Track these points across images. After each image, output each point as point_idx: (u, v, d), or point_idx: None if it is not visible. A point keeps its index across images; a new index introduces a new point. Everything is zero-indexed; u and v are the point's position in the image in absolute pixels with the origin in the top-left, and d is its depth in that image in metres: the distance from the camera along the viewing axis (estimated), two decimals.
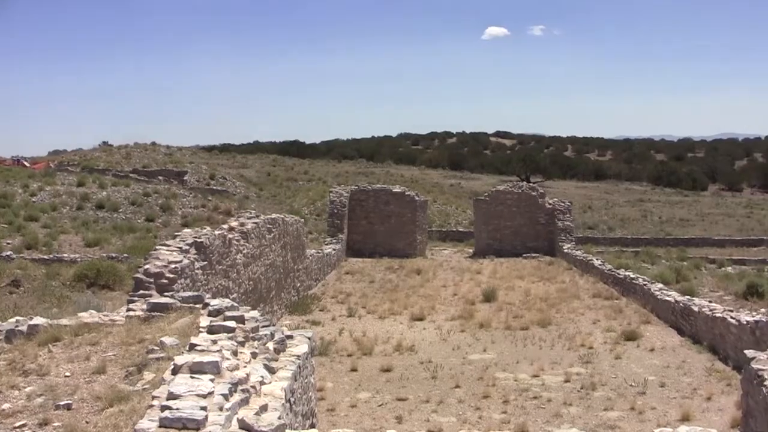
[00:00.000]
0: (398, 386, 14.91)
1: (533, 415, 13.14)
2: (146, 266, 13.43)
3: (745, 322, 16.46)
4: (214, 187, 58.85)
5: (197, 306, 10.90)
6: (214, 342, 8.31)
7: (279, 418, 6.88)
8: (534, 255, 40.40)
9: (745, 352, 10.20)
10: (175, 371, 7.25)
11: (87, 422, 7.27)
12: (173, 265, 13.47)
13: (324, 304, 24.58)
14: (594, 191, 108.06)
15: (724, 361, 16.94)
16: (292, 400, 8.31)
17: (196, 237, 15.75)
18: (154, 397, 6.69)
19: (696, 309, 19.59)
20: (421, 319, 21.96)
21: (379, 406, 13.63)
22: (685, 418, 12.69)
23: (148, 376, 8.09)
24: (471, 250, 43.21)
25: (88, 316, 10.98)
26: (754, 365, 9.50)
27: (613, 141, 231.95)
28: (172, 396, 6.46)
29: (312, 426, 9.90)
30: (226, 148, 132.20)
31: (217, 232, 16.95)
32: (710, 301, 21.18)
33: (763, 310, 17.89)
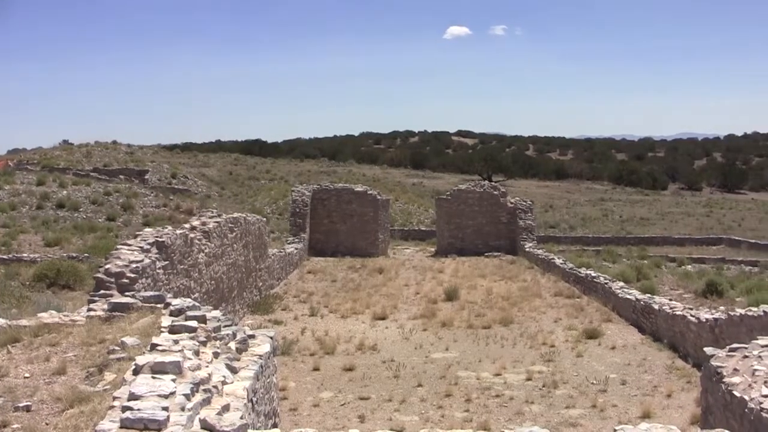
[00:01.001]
0: (361, 385, 14.91)
1: (495, 413, 13.18)
2: (107, 266, 13.33)
3: (704, 320, 16.62)
4: (176, 186, 58.56)
5: (159, 306, 10.84)
6: (176, 342, 8.26)
7: (241, 417, 6.85)
8: (496, 254, 40.56)
9: (705, 349, 10.30)
10: (137, 371, 7.20)
11: (47, 424, 7.20)
12: (134, 265, 13.38)
13: (286, 303, 24.52)
14: (555, 190, 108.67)
15: (684, 358, 17.09)
16: (254, 399, 8.29)
17: (157, 236, 15.65)
18: (115, 398, 6.63)
19: (656, 307, 19.75)
20: (383, 318, 21.97)
21: (342, 405, 13.62)
22: (646, 415, 12.78)
23: (109, 376, 8.04)
24: (433, 249, 43.28)
25: (48, 317, 10.88)
26: (714, 362, 9.59)
27: (574, 140, 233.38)
28: (133, 396, 6.41)
29: (274, 426, 9.87)
30: (187, 147, 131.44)
31: (178, 232, 16.85)
32: (670, 300, 21.35)
33: (722, 308, 18.08)
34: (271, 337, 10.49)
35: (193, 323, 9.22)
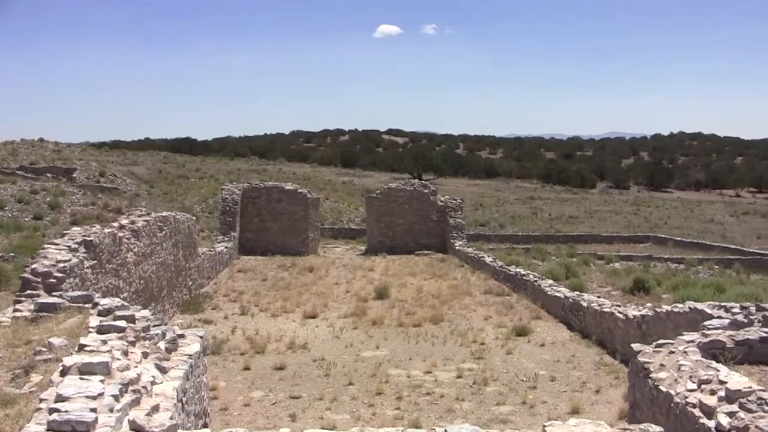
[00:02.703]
0: (291, 384, 14.86)
1: (426, 410, 13.21)
2: (33, 265, 13.11)
3: (632, 317, 16.85)
4: (104, 185, 57.77)
5: (87, 306, 10.69)
6: (104, 342, 8.17)
7: (171, 418, 6.80)
8: (426, 252, 40.74)
9: (632, 345, 10.44)
10: (64, 373, 7.11)
11: None
12: (62, 264, 13.19)
13: (216, 302, 24.35)
14: (485, 189, 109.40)
15: (612, 354, 17.30)
16: (184, 399, 8.23)
17: (85, 235, 15.44)
18: (41, 400, 6.54)
19: (585, 304, 19.97)
20: (313, 317, 21.92)
21: (273, 404, 13.56)
22: (575, 411, 12.90)
23: (35, 378, 7.90)
24: (363, 248, 43.36)
25: None
26: (641, 358, 9.73)
27: (504, 139, 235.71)
28: (60, 398, 6.33)
29: (205, 426, 9.82)
30: (116, 145, 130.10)
31: (107, 231, 16.63)
32: (599, 297, 21.64)
33: (649, 304, 18.32)
34: (201, 337, 10.42)
35: (122, 323, 9.13)
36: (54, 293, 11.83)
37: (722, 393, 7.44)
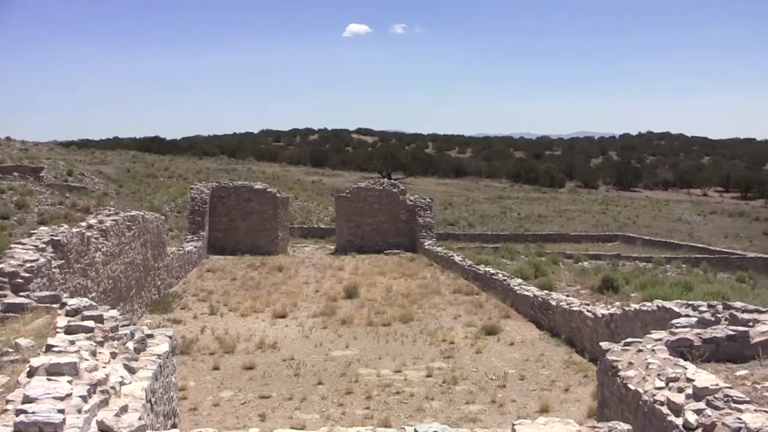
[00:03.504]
0: (261, 384, 14.83)
1: (396, 410, 13.22)
2: (0, 265, 13.02)
3: (600, 315, 16.94)
4: (72, 184, 57.27)
5: (54, 306, 10.62)
6: (72, 342, 8.12)
7: (140, 418, 6.77)
8: (395, 251, 40.83)
9: (601, 344, 10.49)
10: (31, 373, 7.06)
11: None
12: (29, 264, 13.09)
13: (185, 302, 24.28)
14: (454, 188, 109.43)
15: (581, 353, 17.39)
16: (153, 400, 8.19)
17: (53, 235, 15.35)
18: (8, 401, 6.49)
19: (554, 303, 20.06)
20: (283, 317, 21.90)
21: (242, 404, 13.52)
22: (544, 410, 12.96)
23: (1, 379, 7.83)
24: (333, 247, 43.41)
25: None
26: (609, 357, 9.77)
27: (473, 139, 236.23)
28: (27, 399, 6.28)
29: (174, 426, 9.78)
30: (84, 144, 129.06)
31: (75, 230, 16.54)
32: (567, 296, 21.72)
33: (617, 303, 18.42)
34: (170, 337, 10.38)
35: (90, 323, 9.08)
36: (21, 293, 11.73)
37: (690, 391, 7.50)
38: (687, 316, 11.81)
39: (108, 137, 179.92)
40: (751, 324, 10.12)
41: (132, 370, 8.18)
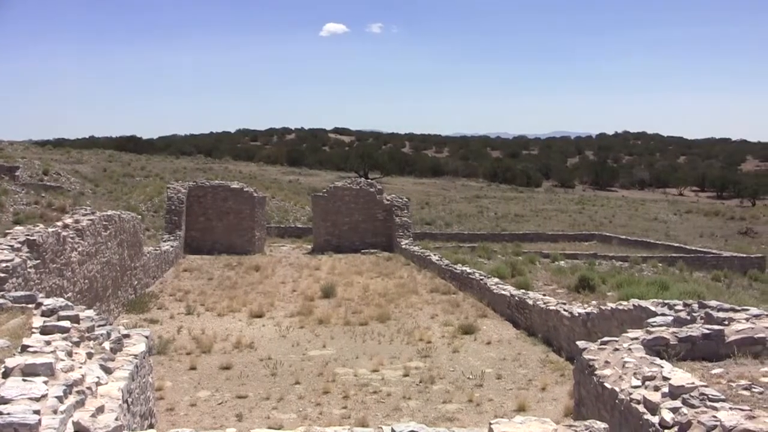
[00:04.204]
0: (238, 384, 14.80)
1: (373, 409, 13.23)
2: None
3: (577, 315, 16.99)
4: (48, 183, 56.95)
5: (30, 306, 10.56)
6: (48, 343, 8.07)
7: (116, 419, 6.75)
8: (372, 251, 40.87)
9: (578, 343, 10.51)
10: (6, 374, 7.01)
11: None
12: (4, 264, 13.01)
13: (162, 302, 24.20)
14: (431, 187, 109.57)
15: (557, 352, 17.45)
16: (129, 400, 8.16)
17: (28, 235, 15.27)
18: None
19: (531, 302, 20.11)
20: (260, 316, 21.87)
21: (219, 404, 13.50)
22: (521, 409, 13.00)
23: None
24: (310, 247, 43.39)
25: None
26: (586, 356, 9.81)
27: (450, 138, 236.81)
28: (2, 400, 6.23)
29: (151, 426, 9.75)
30: (60, 143, 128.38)
31: (50, 230, 16.45)
32: (544, 295, 21.77)
33: (594, 302, 18.48)
34: (147, 337, 10.34)
35: (66, 323, 9.03)
36: None
37: (666, 389, 7.53)
38: (663, 315, 11.87)
39: (84, 136, 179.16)
40: (726, 323, 10.18)
41: (108, 371, 8.14)
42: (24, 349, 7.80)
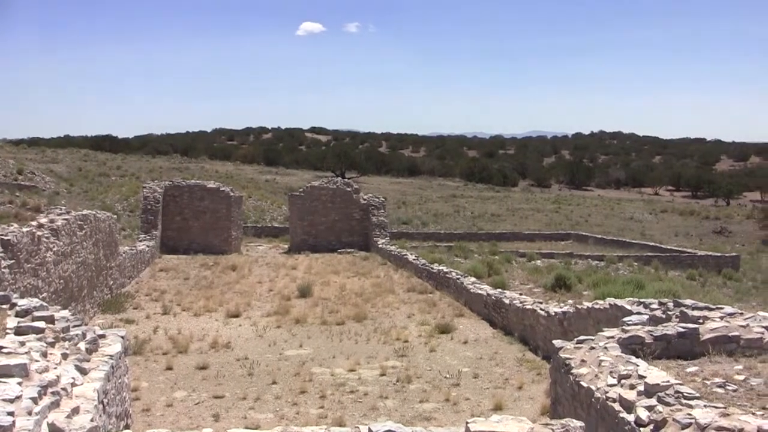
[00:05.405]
0: (215, 384, 14.76)
1: (350, 409, 13.22)
2: None
3: (553, 314, 17.04)
4: (23, 183, 56.67)
5: (4, 306, 10.49)
6: (22, 344, 8.03)
7: (91, 420, 6.72)
8: (349, 250, 40.89)
9: (554, 342, 10.55)
10: None
11: None
12: None
13: (138, 302, 24.09)
14: (408, 187, 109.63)
15: (534, 351, 17.48)
16: (105, 401, 8.13)
17: (2, 234, 15.16)
18: None
19: (507, 301, 20.14)
20: (236, 316, 21.81)
21: (196, 404, 13.45)
22: (498, 408, 13.01)
23: None
24: (286, 246, 43.40)
25: None
26: (562, 354, 9.84)
27: (426, 138, 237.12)
28: None
29: (126, 427, 9.72)
30: (35, 142, 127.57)
31: (25, 229, 16.35)
32: (521, 294, 21.82)
33: (570, 301, 18.55)
34: (123, 337, 10.31)
35: (41, 324, 8.99)
36: None
37: (641, 387, 7.57)
38: (639, 313, 11.93)
39: (59, 135, 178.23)
40: (701, 321, 10.24)
41: (84, 371, 8.11)
42: None
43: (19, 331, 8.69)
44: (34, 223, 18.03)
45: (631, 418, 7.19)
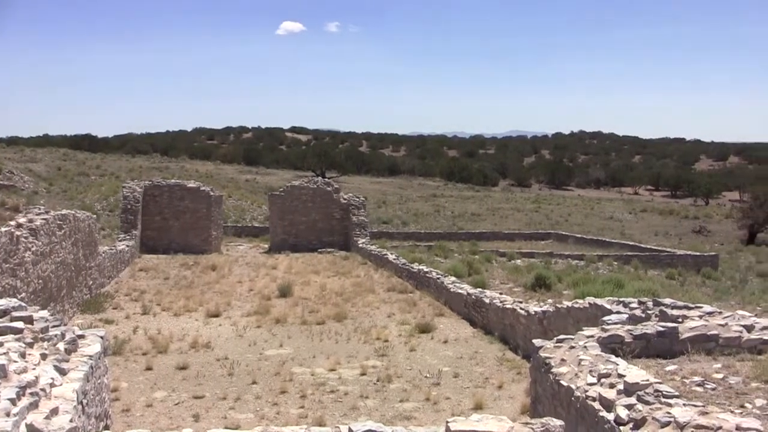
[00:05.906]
0: (195, 384, 14.72)
1: (331, 408, 13.21)
2: None
3: (533, 313, 17.07)
4: (1, 182, 56.40)
5: None
6: (0, 344, 7.99)
7: (71, 421, 6.69)
8: (329, 250, 40.88)
9: (534, 341, 10.58)
10: None
11: None
12: None
13: (117, 302, 24.01)
14: (388, 186, 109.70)
15: (514, 350, 17.49)
16: (84, 401, 8.09)
17: None
18: None
19: (487, 301, 20.16)
20: (216, 316, 21.77)
21: (176, 404, 13.41)
22: (478, 407, 13.02)
23: None
24: (267, 246, 43.32)
25: None
26: (542, 354, 9.87)
27: (407, 137, 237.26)
28: None
29: (106, 428, 9.68)
30: (13, 141, 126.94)
31: (3, 229, 16.28)
32: (501, 293, 21.83)
33: (550, 300, 18.59)
34: (102, 337, 10.26)
35: (19, 324, 8.94)
36: None
37: (621, 386, 7.60)
38: (618, 313, 11.97)
39: (38, 135, 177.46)
40: (680, 320, 10.29)
41: (63, 372, 8.07)
42: None
43: None
44: (12, 222, 17.93)
45: (610, 416, 7.22)
